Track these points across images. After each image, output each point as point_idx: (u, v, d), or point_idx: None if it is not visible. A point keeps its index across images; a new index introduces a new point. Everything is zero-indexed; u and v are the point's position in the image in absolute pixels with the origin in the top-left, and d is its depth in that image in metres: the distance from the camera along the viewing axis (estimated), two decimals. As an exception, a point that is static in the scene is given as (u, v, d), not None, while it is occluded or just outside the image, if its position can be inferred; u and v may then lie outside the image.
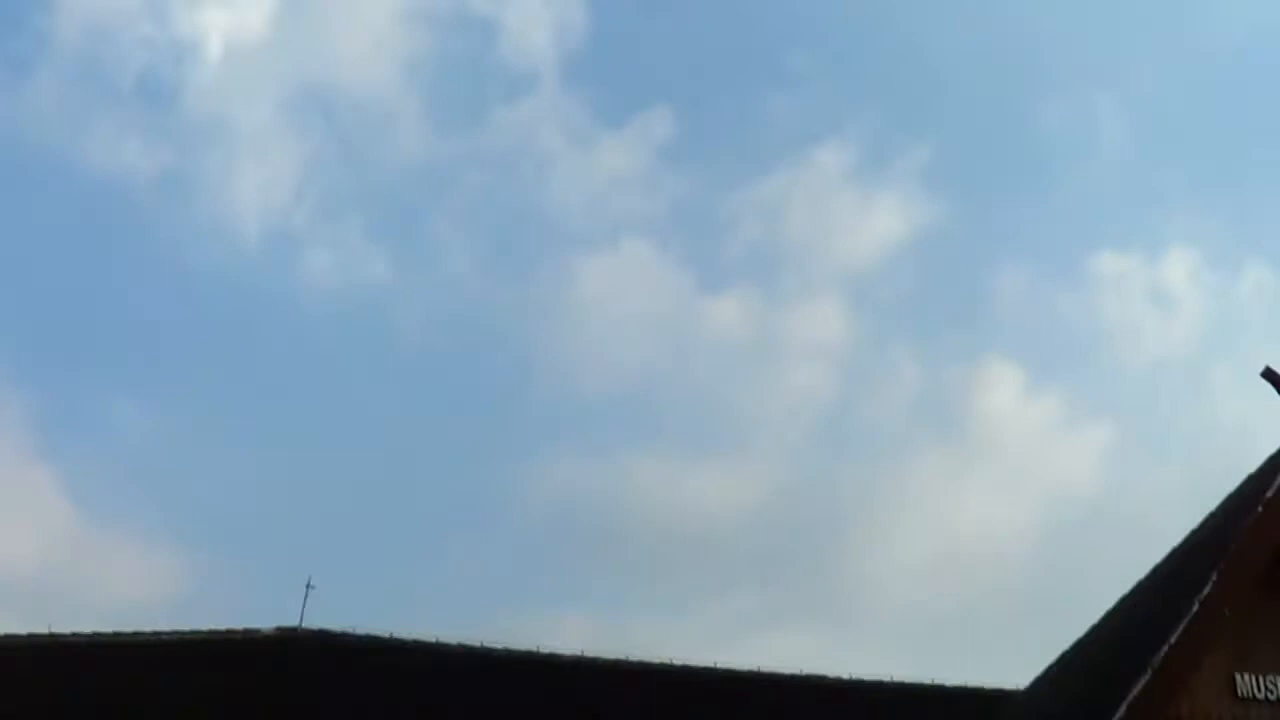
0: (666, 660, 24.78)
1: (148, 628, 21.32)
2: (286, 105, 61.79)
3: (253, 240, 59.79)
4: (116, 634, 20.86)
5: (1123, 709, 14.48)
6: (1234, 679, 15.54)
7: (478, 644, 24.30)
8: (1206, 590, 15.20)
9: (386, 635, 23.77)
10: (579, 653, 24.61)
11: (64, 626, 20.48)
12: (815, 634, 46.33)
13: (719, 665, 24.93)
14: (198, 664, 20.58)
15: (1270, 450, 16.98)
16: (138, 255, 57.00)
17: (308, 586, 23.83)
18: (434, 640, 24.08)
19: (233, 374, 54.12)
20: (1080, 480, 53.10)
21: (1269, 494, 15.85)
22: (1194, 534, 18.18)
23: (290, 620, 23.00)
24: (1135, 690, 14.61)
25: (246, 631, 22.37)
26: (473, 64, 64.77)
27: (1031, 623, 42.28)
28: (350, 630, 23.59)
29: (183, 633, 21.49)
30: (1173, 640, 14.97)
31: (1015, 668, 22.57)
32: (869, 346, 60.32)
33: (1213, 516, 17.91)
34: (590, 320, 56.39)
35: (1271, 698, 15.56)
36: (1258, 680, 15.61)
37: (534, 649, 24.52)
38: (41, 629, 20.18)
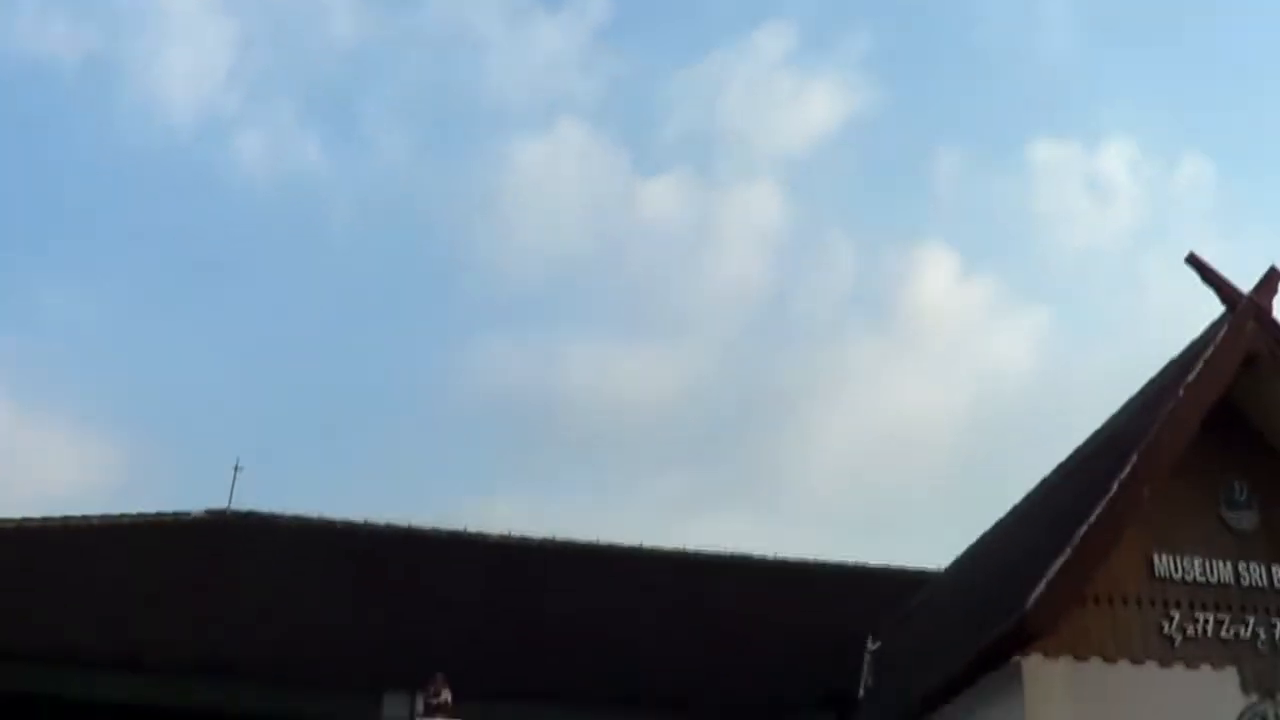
0: (593, 540, 25.06)
1: (78, 514, 21.34)
2: (216, -16, 60.47)
3: (183, 125, 58.80)
4: (46, 519, 20.84)
5: (1041, 586, 14.75)
6: (1152, 559, 15.92)
7: (406, 524, 24.48)
8: (1126, 472, 15.48)
9: (315, 516, 23.91)
10: (506, 532, 24.85)
11: (-5, 514, 20.47)
12: (745, 518, 46.92)
13: (644, 545, 25.25)
14: (128, 549, 20.59)
15: (1194, 336, 17.28)
16: (65, 140, 55.98)
17: (235, 469, 23.90)
18: (363, 520, 24.24)
19: (162, 260, 53.52)
20: (1012, 365, 53.81)
21: (1190, 378, 16.13)
22: (1116, 418, 18.47)
23: (221, 504, 23.11)
24: (1054, 569, 14.89)
25: (176, 515, 22.41)
26: (405, -58, 63.55)
27: (962, 506, 43.03)
28: (279, 512, 23.70)
29: (113, 517, 21.49)
30: (1092, 520, 15.24)
31: (945, 551, 23.04)
32: (805, 232, 60.41)
33: (1134, 401, 18.22)
34: (524, 204, 56.03)
35: (1188, 579, 15.95)
36: (1174, 560, 15.98)
37: (461, 528, 24.75)
38: (-27, 517, 20.15)
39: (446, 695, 13.62)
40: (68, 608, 18.35)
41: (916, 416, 51.11)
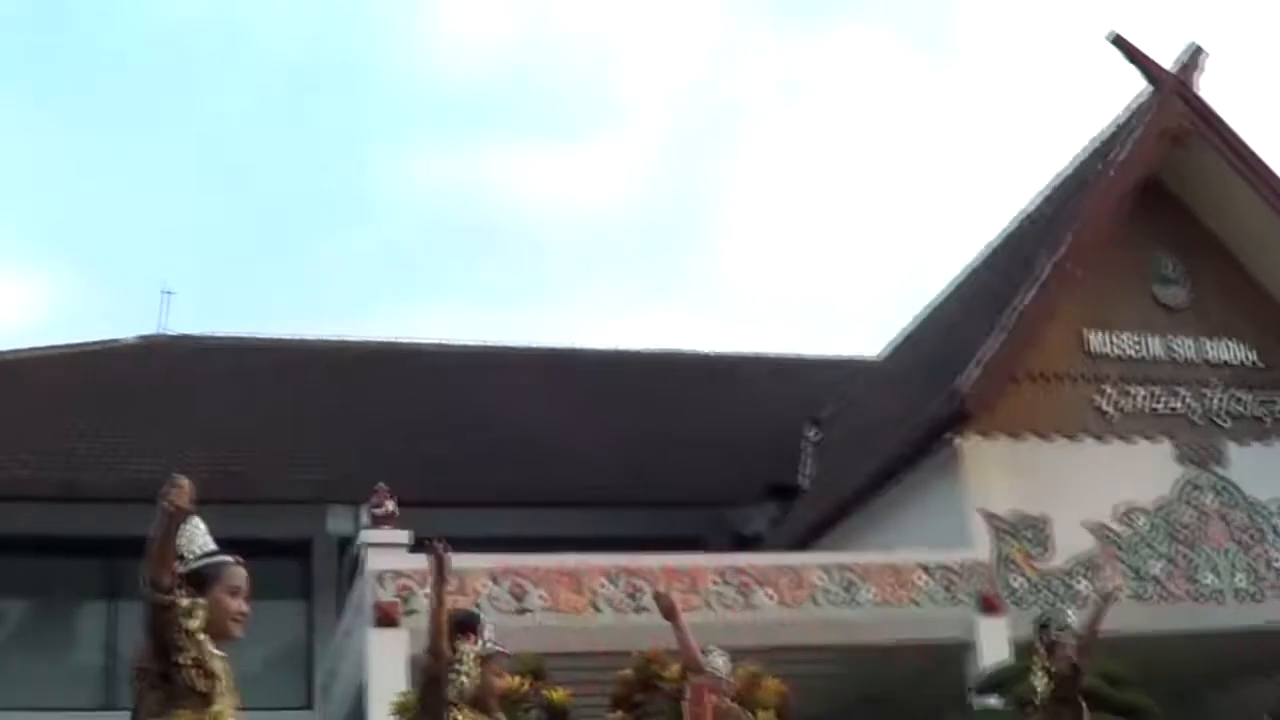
0: (526, 344, 25.02)
1: (8, 349, 21.11)
2: None
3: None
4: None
5: (975, 367, 14.91)
6: (1084, 336, 16.09)
7: (339, 339, 24.35)
8: (1058, 251, 15.58)
9: (248, 335, 23.76)
10: (439, 341, 24.75)
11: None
12: (684, 316, 47.10)
13: (580, 346, 25.24)
14: (60, 380, 20.37)
15: (1122, 115, 17.26)
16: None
17: (164, 293, 23.68)
18: (296, 337, 24.09)
19: (82, 87, 51.87)
20: (939, 149, 53.42)
21: (1118, 156, 16.16)
22: (1046, 197, 18.51)
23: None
24: (987, 349, 15.04)
25: (108, 342, 22.20)
26: None
27: (897, 293, 43.17)
28: (211, 334, 23.54)
29: (44, 349, 21.26)
30: (1024, 299, 15.39)
31: (882, 339, 23.14)
32: (735, 23, 59.26)
33: (1062, 180, 18.24)
34: (447, 8, 54.54)
35: (1121, 355, 16.18)
36: (1107, 337, 16.18)
37: (394, 340, 24.64)
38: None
39: (390, 506, 13.64)
40: (3, 443, 18.20)
41: (851, 205, 51.08)
